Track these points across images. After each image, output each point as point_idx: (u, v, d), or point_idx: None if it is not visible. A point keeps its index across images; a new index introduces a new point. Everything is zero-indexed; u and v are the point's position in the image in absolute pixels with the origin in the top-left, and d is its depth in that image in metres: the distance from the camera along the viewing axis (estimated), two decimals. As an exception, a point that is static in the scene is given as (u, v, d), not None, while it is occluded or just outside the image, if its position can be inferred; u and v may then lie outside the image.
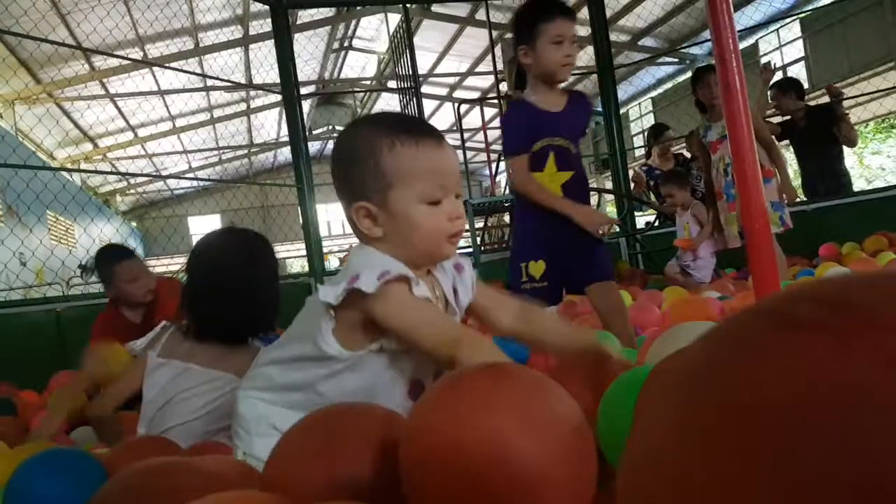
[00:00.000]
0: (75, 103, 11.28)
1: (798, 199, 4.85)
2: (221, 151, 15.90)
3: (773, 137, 3.81)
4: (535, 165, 2.18)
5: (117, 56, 7.34)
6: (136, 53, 10.26)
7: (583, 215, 2.11)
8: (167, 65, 9.34)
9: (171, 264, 16.97)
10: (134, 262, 2.82)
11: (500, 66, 5.82)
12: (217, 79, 9.07)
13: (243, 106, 14.44)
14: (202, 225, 18.87)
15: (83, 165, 12.83)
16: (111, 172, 14.25)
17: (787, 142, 5.14)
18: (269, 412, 1.14)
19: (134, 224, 17.21)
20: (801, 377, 0.30)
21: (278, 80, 5.26)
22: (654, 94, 14.73)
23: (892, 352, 0.29)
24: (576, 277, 2.24)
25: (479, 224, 6.27)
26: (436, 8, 10.95)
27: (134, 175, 15.43)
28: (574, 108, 2.23)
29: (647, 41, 12.01)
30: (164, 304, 2.71)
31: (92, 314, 3.84)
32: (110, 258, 2.83)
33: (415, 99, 5.54)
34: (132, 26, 9.35)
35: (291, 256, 13.88)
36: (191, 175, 15.65)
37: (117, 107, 12.07)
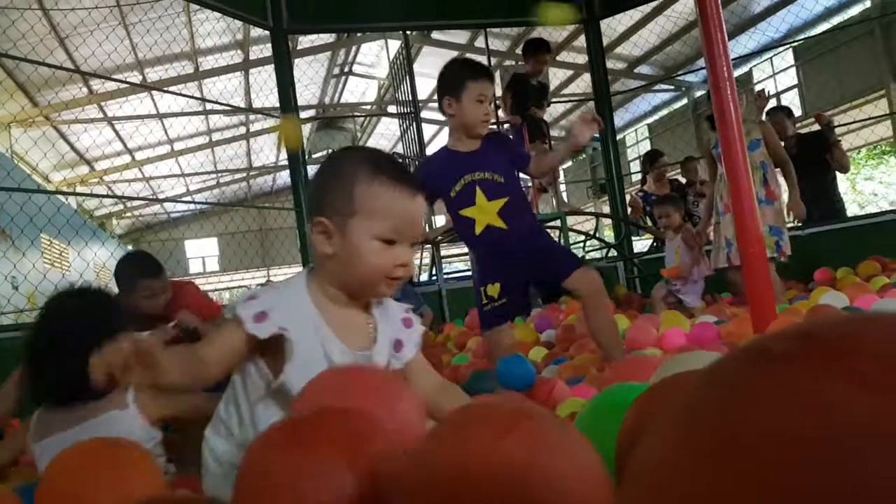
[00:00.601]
0: (72, 126, 11.31)
1: (792, 224, 4.88)
2: (219, 175, 15.93)
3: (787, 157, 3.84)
4: (465, 200, 2.36)
5: (116, 80, 7.37)
6: (134, 77, 10.31)
7: (574, 137, 2.37)
8: (166, 88, 9.38)
9: (166, 287, 16.94)
10: (155, 283, 2.74)
11: (498, 93, 5.86)
12: (216, 102, 9.11)
13: (242, 130, 14.49)
14: (199, 248, 18.85)
15: (79, 188, 12.81)
16: (107, 196, 14.24)
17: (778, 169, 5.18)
18: (227, 451, 1.12)
19: (129, 247, 17.15)
20: (779, 405, 0.31)
21: (278, 105, 5.28)
22: (650, 120, 14.87)
23: (864, 374, 0.30)
24: (547, 281, 2.46)
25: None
26: (436, 35, 11.07)
27: (130, 198, 15.42)
28: (489, 145, 2.43)
29: (644, 69, 12.15)
30: (178, 305, 2.74)
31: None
32: (133, 274, 2.76)
33: (414, 124, 5.56)
34: (131, 50, 9.41)
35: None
36: (188, 198, 15.65)
37: (115, 130, 12.09)
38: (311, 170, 4.40)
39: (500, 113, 6.07)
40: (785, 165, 3.62)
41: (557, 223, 5.01)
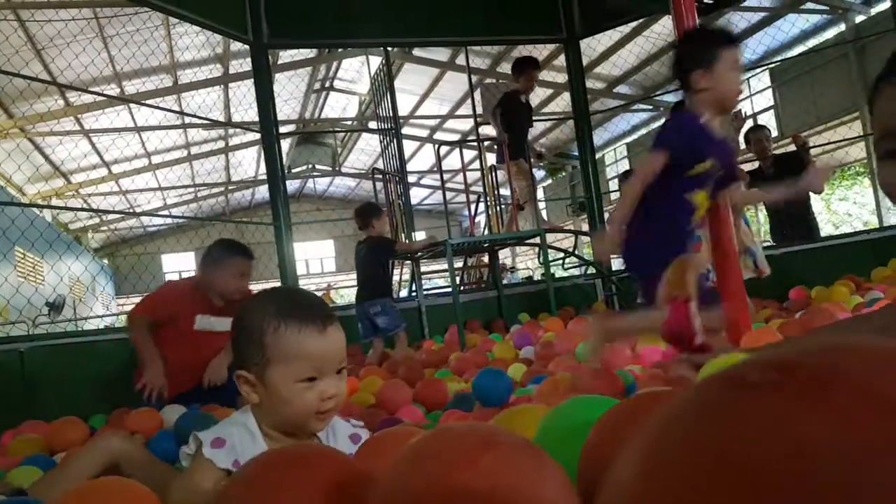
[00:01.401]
0: (48, 138, 11.15)
1: (767, 244, 4.92)
2: (197, 189, 15.78)
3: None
4: (697, 184, 2.15)
5: (93, 92, 7.28)
6: (112, 89, 10.20)
7: (810, 185, 2.37)
8: (144, 101, 9.29)
9: (141, 303, 16.67)
10: (247, 263, 3.03)
11: (479, 110, 5.88)
12: (195, 116, 9.03)
13: (221, 144, 14.40)
14: (176, 263, 18.63)
15: (54, 201, 12.61)
16: (83, 209, 14.03)
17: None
18: None
19: (105, 261, 16.88)
20: (752, 435, 0.31)
21: (257, 119, 5.23)
22: (628, 139, 15.03)
23: (840, 408, 0.30)
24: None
25: (458, 264, 6.25)
26: (417, 52, 11.11)
27: (107, 212, 15.20)
28: (725, 139, 2.24)
29: (623, 88, 12.29)
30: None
31: (58, 355, 3.72)
32: (232, 247, 3.08)
33: (395, 140, 5.55)
34: (109, 62, 9.32)
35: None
36: (165, 212, 15.47)
37: (91, 142, 11.95)
38: (290, 184, 4.35)
39: (483, 129, 6.08)
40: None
41: (537, 240, 5.01)
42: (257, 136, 5.50)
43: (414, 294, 5.18)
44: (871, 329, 1.12)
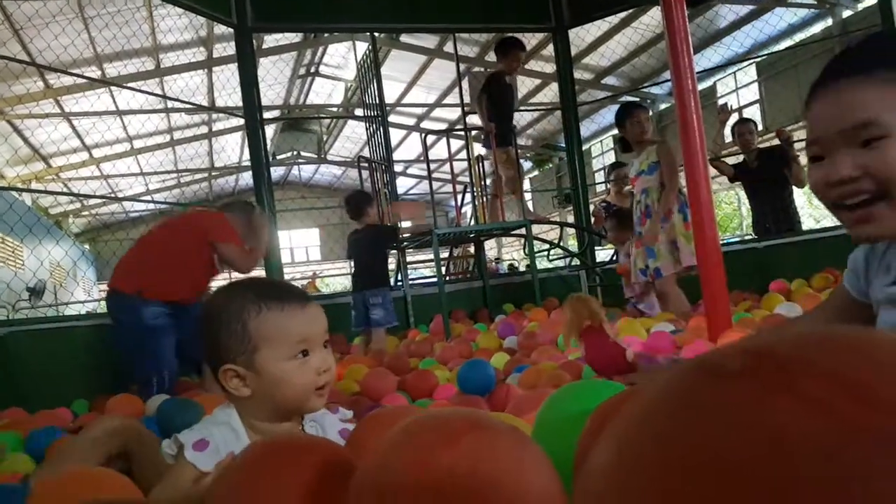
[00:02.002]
0: (27, 121, 10.95)
1: (750, 237, 4.96)
2: (180, 174, 15.61)
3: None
4: None
5: (73, 74, 7.14)
6: (92, 72, 10.03)
7: None
8: (126, 85, 9.15)
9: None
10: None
11: (466, 99, 5.84)
12: (178, 100, 8.91)
13: (204, 129, 14.23)
14: (157, 249, 18.42)
15: (34, 185, 12.41)
16: (63, 193, 13.83)
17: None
18: None
19: (86, 247, 16.68)
20: (726, 423, 0.31)
21: (241, 104, 5.16)
22: (615, 131, 15.03)
23: (811, 396, 0.30)
24: None
25: (444, 254, 6.23)
26: (404, 38, 11.02)
27: (87, 196, 15.00)
28: None
29: (610, 80, 12.29)
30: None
31: (39, 340, 3.66)
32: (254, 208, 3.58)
33: (381, 128, 5.50)
34: (89, 44, 9.15)
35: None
36: (147, 198, 15.30)
37: (72, 126, 11.75)
38: (275, 171, 4.31)
39: (470, 118, 6.05)
40: (668, 184, 3.67)
41: (522, 231, 5.00)
42: (241, 121, 5.43)
43: (400, 284, 5.16)
44: (823, 321, 1.16)
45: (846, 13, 9.80)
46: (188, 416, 2.05)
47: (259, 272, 4.01)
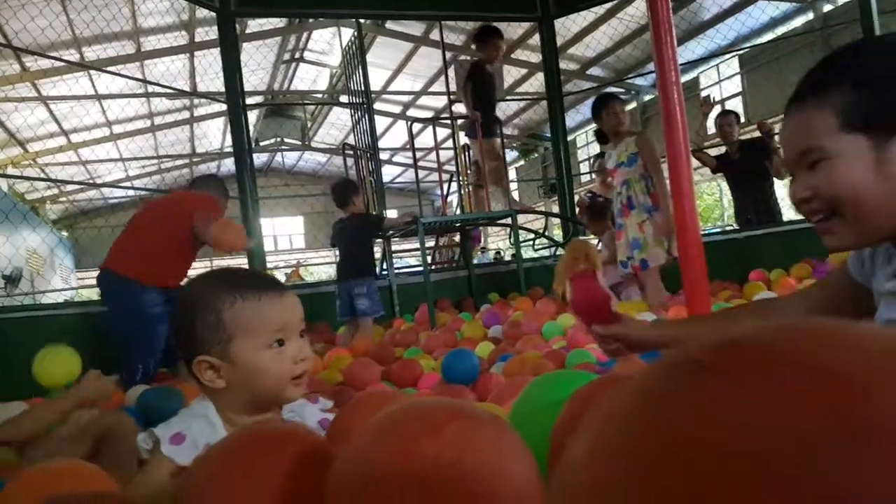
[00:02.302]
0: (2, 104, 10.73)
1: (731, 228, 5.01)
2: (161, 160, 15.41)
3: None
4: None
5: (51, 57, 7.00)
6: (71, 55, 9.84)
7: None
8: (105, 69, 8.99)
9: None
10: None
11: (452, 87, 5.81)
12: (159, 85, 8.78)
13: (186, 114, 14.05)
14: (137, 236, 18.22)
15: (10, 170, 12.19)
16: (40, 179, 13.61)
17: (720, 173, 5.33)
18: None
19: (64, 234, 16.44)
20: (703, 415, 0.31)
21: (223, 89, 5.10)
22: (598, 122, 15.08)
23: (788, 384, 0.30)
24: None
25: (430, 243, 6.22)
26: (390, 25, 10.94)
27: (65, 182, 14.77)
28: None
29: (595, 70, 12.30)
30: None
31: (15, 328, 3.60)
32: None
33: (367, 116, 5.46)
34: (67, 26, 8.97)
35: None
36: (127, 184, 15.09)
37: (49, 110, 11.55)
38: (258, 158, 4.27)
39: (456, 107, 6.02)
40: (657, 177, 3.68)
41: (508, 220, 5.00)
42: (223, 106, 5.36)
43: (385, 273, 5.14)
44: (806, 306, 1.18)
45: (827, 7, 9.88)
46: (170, 405, 2.04)
47: (240, 261, 3.96)
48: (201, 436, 1.07)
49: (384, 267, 5.23)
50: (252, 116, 14.41)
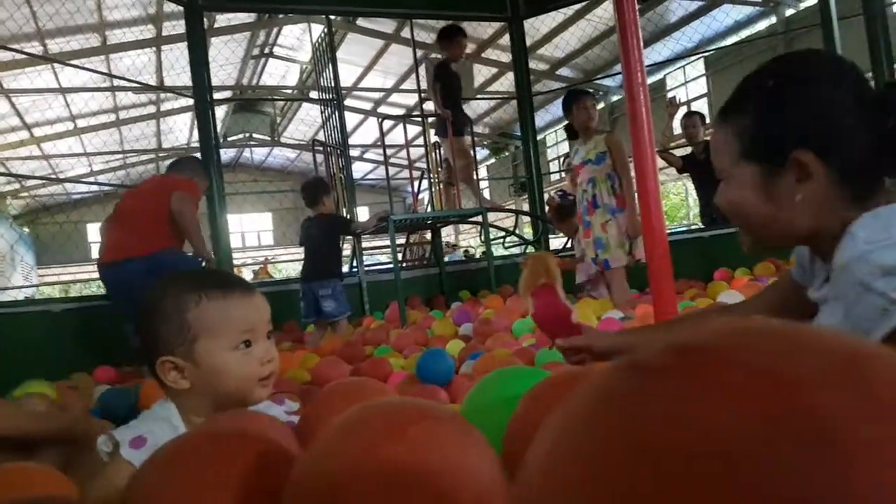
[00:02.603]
0: (-39, 97, 10.45)
1: (696, 227, 5.11)
2: (126, 155, 15.11)
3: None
4: None
5: (12, 49, 6.83)
6: (33, 48, 9.60)
7: None
8: (69, 62, 8.80)
9: (63, 274, 15.91)
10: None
11: (423, 85, 5.82)
12: (124, 79, 8.62)
13: (152, 108, 13.80)
14: (101, 232, 17.85)
15: (-32, 164, 11.87)
16: (0, 174, 13.26)
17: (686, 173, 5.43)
18: None
19: (25, 229, 16.03)
20: (652, 419, 0.32)
21: (191, 84, 5.03)
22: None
23: (734, 386, 0.31)
24: None
25: (401, 241, 6.22)
26: (361, 22, 10.89)
27: (26, 177, 14.40)
28: None
29: (564, 71, 12.40)
30: None
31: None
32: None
33: (337, 112, 5.44)
34: (30, 18, 8.75)
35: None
36: (91, 179, 14.77)
37: (11, 103, 11.25)
38: (226, 153, 4.23)
39: (427, 105, 6.03)
40: (625, 179, 3.76)
41: (479, 218, 5.03)
42: (191, 101, 5.29)
43: (355, 270, 5.14)
44: (760, 308, 1.23)
45: (789, 12, 10.12)
46: (131, 404, 2.02)
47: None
48: (163, 439, 1.02)
49: (354, 264, 5.22)
50: (220, 111, 14.22)
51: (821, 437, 0.28)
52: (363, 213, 5.02)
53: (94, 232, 17.93)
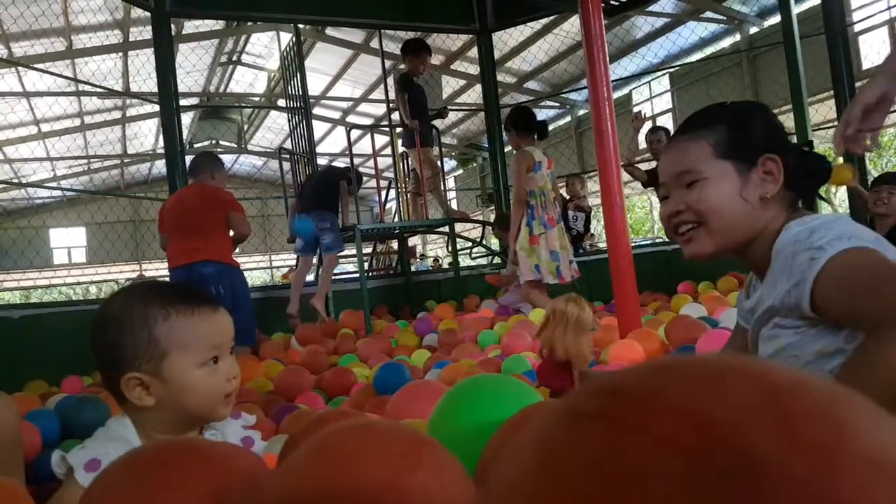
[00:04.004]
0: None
1: (661, 240, 5.20)
2: (90, 160, 14.84)
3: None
4: None
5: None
6: (-5, 50, 9.42)
7: None
8: (34, 65, 8.64)
9: (22, 279, 15.51)
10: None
11: (391, 96, 5.86)
12: (90, 84, 8.49)
13: (117, 114, 13.59)
14: (65, 238, 17.47)
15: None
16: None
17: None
18: None
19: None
20: (582, 467, 0.32)
21: (157, 90, 4.99)
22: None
23: (659, 431, 0.31)
24: None
25: (367, 250, 6.22)
26: (330, 31, 10.89)
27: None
28: None
29: (532, 84, 12.55)
30: None
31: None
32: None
33: (304, 120, 5.44)
34: (-7, 20, 8.59)
35: (162, 275, 13.04)
36: (54, 184, 14.47)
37: (-28, 106, 11.00)
38: (189, 159, 4.22)
39: (395, 116, 6.06)
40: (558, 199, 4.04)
41: (446, 229, 5.07)
42: (157, 107, 5.24)
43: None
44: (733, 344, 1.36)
45: (753, 30, 10.41)
46: (93, 415, 1.96)
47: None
48: None
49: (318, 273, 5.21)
50: (186, 118, 14.06)
51: (746, 478, 0.28)
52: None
53: (56, 237, 17.54)
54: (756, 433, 0.30)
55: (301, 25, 5.96)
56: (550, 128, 15.78)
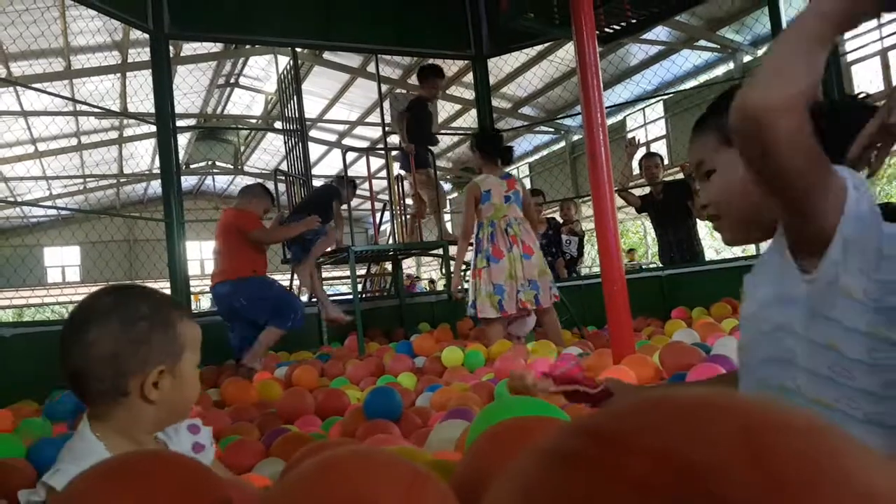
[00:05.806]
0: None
1: (655, 265, 5.20)
2: (87, 180, 14.84)
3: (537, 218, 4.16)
4: None
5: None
6: (-6, 69, 9.46)
7: None
8: (32, 85, 8.68)
9: (15, 298, 15.41)
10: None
11: (388, 119, 5.90)
12: (87, 104, 8.52)
13: (114, 134, 13.63)
14: (59, 257, 17.40)
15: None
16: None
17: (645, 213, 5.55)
18: None
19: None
20: None
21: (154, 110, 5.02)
22: (530, 159, 15.49)
23: (636, 476, 0.31)
24: None
25: (361, 272, 6.21)
26: (327, 55, 10.99)
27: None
28: None
29: (527, 109, 12.65)
30: None
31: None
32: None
33: (301, 143, 5.47)
34: (-8, 40, 8.64)
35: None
36: (49, 203, 14.43)
37: (-31, 125, 11.01)
38: (187, 180, 4.23)
39: (391, 139, 6.10)
40: (535, 228, 3.95)
41: (440, 251, 5.07)
42: (154, 127, 5.26)
43: (314, 300, 5.11)
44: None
45: (747, 58, 10.54)
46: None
47: (163, 285, 3.94)
48: None
49: (311, 296, 5.19)
50: (183, 139, 14.10)
51: None
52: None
53: (50, 256, 17.47)
54: (733, 474, 0.29)
55: (298, 49, 6.01)
56: (546, 152, 15.90)
